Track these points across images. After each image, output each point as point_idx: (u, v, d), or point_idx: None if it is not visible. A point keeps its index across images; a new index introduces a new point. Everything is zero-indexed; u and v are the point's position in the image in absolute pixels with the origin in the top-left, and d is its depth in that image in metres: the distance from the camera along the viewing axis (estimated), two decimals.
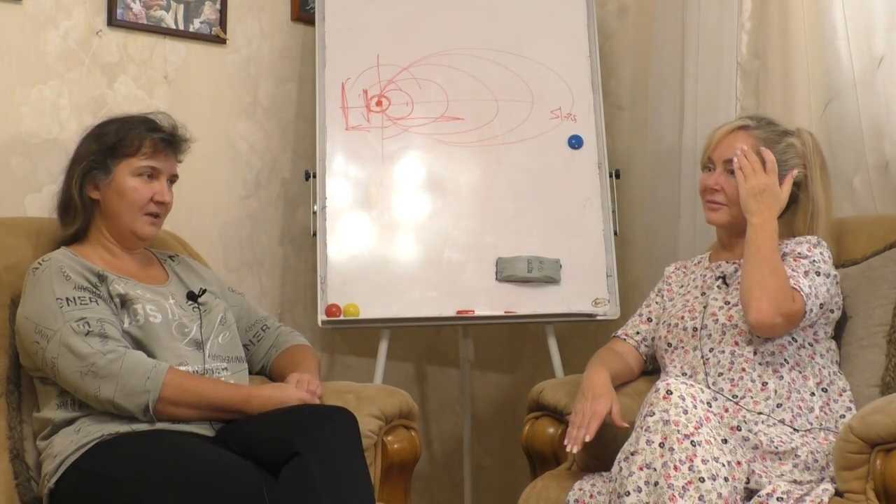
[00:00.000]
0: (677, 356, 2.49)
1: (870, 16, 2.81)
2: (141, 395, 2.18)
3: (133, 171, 2.37)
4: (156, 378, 2.19)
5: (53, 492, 2.19)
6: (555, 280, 3.10)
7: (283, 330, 2.62)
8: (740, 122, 2.54)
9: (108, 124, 2.43)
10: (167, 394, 2.19)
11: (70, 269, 2.29)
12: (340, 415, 2.19)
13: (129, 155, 2.37)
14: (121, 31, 3.01)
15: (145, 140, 2.39)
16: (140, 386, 2.18)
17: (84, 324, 2.21)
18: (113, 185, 2.37)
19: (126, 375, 2.18)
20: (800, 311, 2.33)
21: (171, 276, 2.48)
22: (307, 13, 3.31)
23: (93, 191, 2.39)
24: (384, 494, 2.43)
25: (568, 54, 3.25)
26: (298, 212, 3.35)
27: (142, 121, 2.43)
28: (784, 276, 2.33)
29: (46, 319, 2.23)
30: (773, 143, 2.49)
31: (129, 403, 2.18)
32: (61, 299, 2.24)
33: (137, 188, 2.38)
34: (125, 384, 2.17)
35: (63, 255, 2.33)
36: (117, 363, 2.18)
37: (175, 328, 2.33)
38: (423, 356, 3.65)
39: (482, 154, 3.18)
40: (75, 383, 2.19)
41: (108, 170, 2.37)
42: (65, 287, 2.26)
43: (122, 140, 2.38)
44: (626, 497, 2.07)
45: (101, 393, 2.17)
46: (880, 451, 2.10)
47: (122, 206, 2.38)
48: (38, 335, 2.23)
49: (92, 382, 2.18)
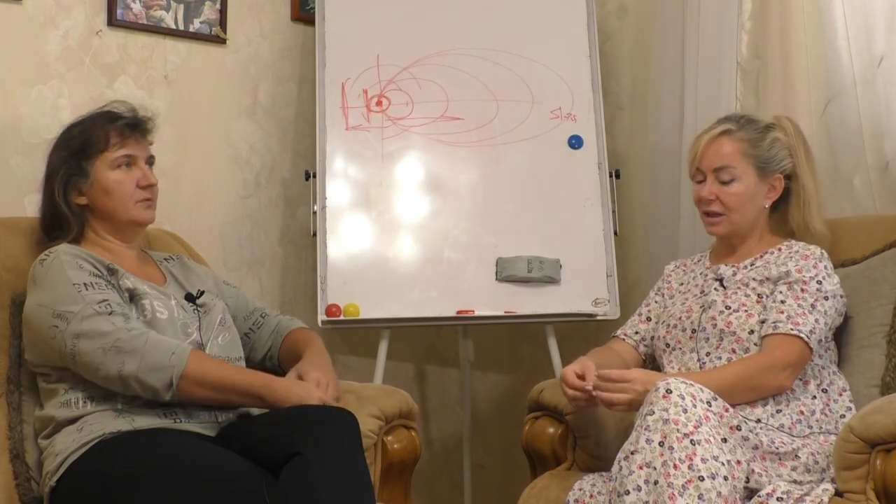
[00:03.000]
0: (675, 357, 2.49)
1: (870, 16, 2.81)
2: (165, 370, 2.18)
3: (110, 165, 2.37)
4: (181, 354, 2.20)
5: (54, 490, 2.19)
6: (555, 280, 3.10)
7: (283, 317, 2.62)
8: (722, 128, 2.52)
9: (70, 130, 2.42)
10: (190, 371, 2.19)
11: (81, 259, 2.29)
12: (341, 415, 2.19)
13: (100, 151, 2.37)
14: (121, 31, 3.01)
15: (110, 132, 2.38)
16: (164, 361, 2.18)
17: (106, 305, 2.22)
18: (95, 185, 2.37)
19: (151, 351, 2.18)
20: (803, 357, 2.33)
21: (169, 278, 2.48)
22: (307, 13, 3.31)
23: (78, 197, 2.38)
24: (384, 494, 2.43)
25: (568, 54, 3.26)
26: (298, 212, 3.35)
27: (100, 115, 2.42)
28: (751, 375, 2.29)
29: (65, 304, 2.22)
30: (758, 142, 2.50)
31: (153, 379, 2.18)
32: (79, 284, 2.24)
33: (120, 180, 2.37)
34: (150, 359, 2.18)
35: (69, 247, 2.33)
36: (142, 338, 2.19)
37: (179, 327, 2.34)
38: (423, 356, 3.65)
39: (482, 154, 3.18)
40: (97, 361, 2.19)
41: (85, 172, 2.36)
42: (80, 273, 2.26)
43: (88, 139, 2.37)
44: (626, 496, 2.07)
45: (125, 368, 2.17)
46: (880, 451, 2.10)
47: (111, 202, 2.38)
48: (57, 319, 2.22)
49: (115, 358, 2.17)
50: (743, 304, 2.43)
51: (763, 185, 2.50)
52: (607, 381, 2.30)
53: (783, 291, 2.39)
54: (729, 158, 2.48)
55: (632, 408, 2.26)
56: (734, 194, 2.48)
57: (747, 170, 2.48)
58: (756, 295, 2.43)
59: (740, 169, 2.48)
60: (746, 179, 2.48)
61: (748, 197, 2.49)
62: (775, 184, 2.51)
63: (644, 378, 2.27)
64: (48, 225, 2.41)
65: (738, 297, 2.44)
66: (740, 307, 2.42)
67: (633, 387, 2.26)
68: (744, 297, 2.43)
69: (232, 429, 2.27)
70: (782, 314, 2.35)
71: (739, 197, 2.49)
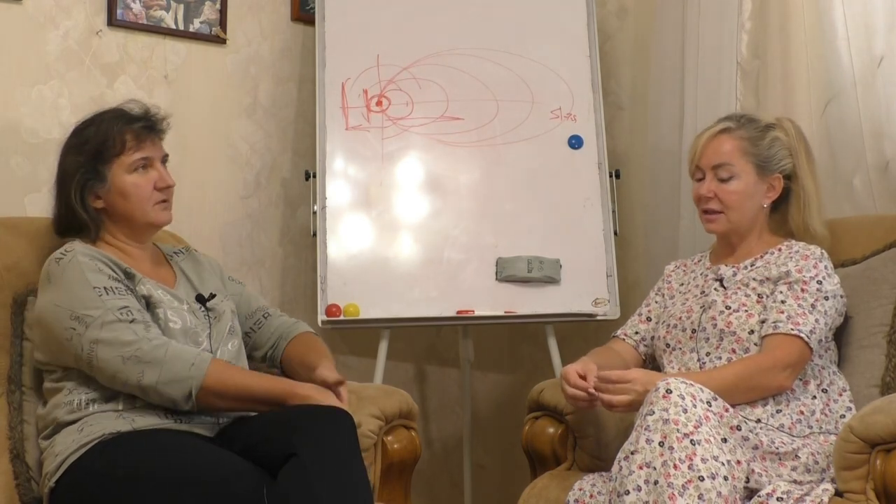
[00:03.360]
0: (675, 357, 2.49)
1: (870, 16, 2.81)
2: (184, 381, 2.18)
3: (127, 169, 2.35)
4: (200, 366, 2.19)
5: (54, 491, 2.18)
6: (555, 280, 3.10)
7: (286, 319, 2.61)
8: (721, 126, 2.52)
9: (83, 131, 2.38)
10: (209, 383, 2.19)
11: (99, 262, 2.27)
12: (340, 415, 2.19)
13: (116, 154, 2.34)
14: (121, 31, 3.01)
15: (126, 134, 2.36)
16: (184, 373, 2.18)
17: (127, 312, 2.21)
18: (113, 189, 2.35)
19: (171, 362, 2.18)
20: (804, 357, 2.33)
21: (179, 276, 2.47)
22: (307, 13, 3.31)
23: (95, 201, 2.36)
24: (384, 494, 2.43)
25: (568, 54, 3.26)
26: (298, 212, 3.35)
27: (115, 116, 2.38)
28: (751, 375, 2.29)
29: (85, 306, 2.21)
30: (757, 141, 2.50)
31: (171, 390, 2.18)
32: (98, 288, 2.23)
33: (138, 183, 2.36)
34: (169, 370, 2.18)
35: (86, 248, 2.31)
36: (162, 349, 2.19)
37: (190, 336, 2.33)
38: (423, 356, 3.65)
39: (482, 154, 3.18)
40: (115, 369, 2.19)
41: (102, 176, 2.34)
42: (99, 277, 2.25)
43: (103, 143, 2.34)
44: (626, 496, 2.07)
45: (145, 378, 2.17)
46: (880, 451, 2.10)
47: (129, 205, 2.36)
48: (74, 321, 2.21)
49: (135, 367, 2.18)
50: (743, 304, 2.43)
51: (762, 184, 2.50)
52: (607, 383, 2.30)
53: (783, 291, 2.39)
54: (728, 156, 2.48)
55: (632, 408, 2.26)
56: (732, 192, 2.48)
57: (746, 168, 2.48)
58: (756, 295, 2.43)
59: (739, 167, 2.48)
60: (745, 178, 2.48)
61: (747, 195, 2.49)
62: (774, 183, 2.51)
63: (644, 378, 2.27)
64: (63, 228, 2.39)
65: (739, 297, 2.44)
66: (740, 307, 2.42)
67: (633, 387, 2.26)
68: (744, 297, 2.43)
69: (231, 429, 2.27)
70: (782, 314, 2.35)
71: (738, 195, 2.49)
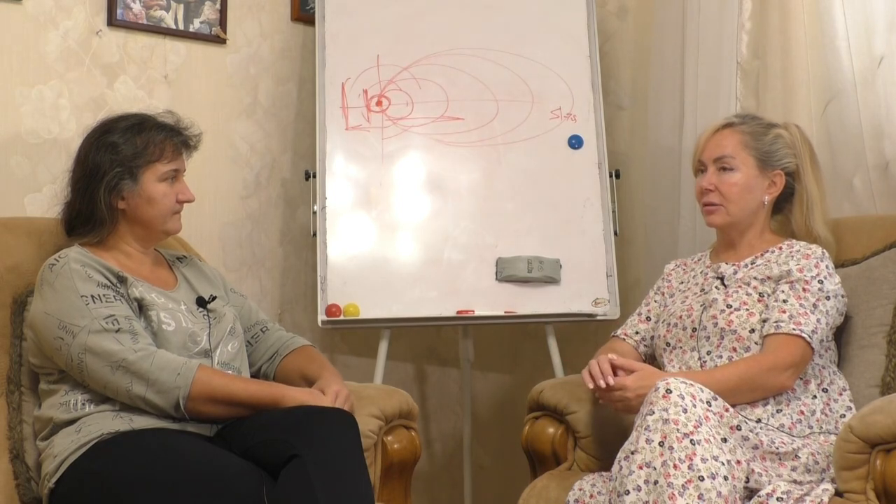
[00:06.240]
0: (675, 356, 2.49)
1: (870, 16, 2.81)
2: (171, 392, 2.19)
3: (159, 177, 2.36)
4: (186, 375, 2.20)
5: (53, 491, 2.19)
6: (555, 280, 3.10)
7: (284, 333, 2.61)
8: (725, 121, 2.55)
9: (116, 131, 2.37)
10: (197, 391, 2.20)
11: (91, 268, 2.28)
12: (340, 416, 2.19)
13: (152, 161, 2.36)
14: (121, 31, 3.01)
15: (167, 145, 2.38)
16: (171, 383, 2.19)
17: (113, 321, 2.22)
18: (140, 192, 2.35)
19: (157, 372, 2.19)
20: (805, 357, 2.34)
21: (180, 280, 2.48)
22: (307, 13, 3.31)
23: (119, 201, 2.36)
24: (384, 494, 2.44)
25: (568, 54, 3.26)
26: (298, 212, 3.35)
27: (159, 125, 2.40)
28: (753, 375, 2.29)
29: (72, 316, 2.22)
30: (760, 136, 2.50)
31: (160, 400, 2.20)
32: (86, 296, 2.23)
33: (165, 192, 2.37)
34: (156, 381, 2.19)
35: (80, 254, 2.31)
36: (148, 360, 2.19)
37: (188, 337, 2.33)
38: (423, 356, 3.65)
39: (482, 154, 3.18)
40: (105, 379, 2.20)
41: (135, 178, 2.34)
42: (88, 285, 2.25)
43: (145, 147, 2.35)
44: (626, 496, 2.07)
45: (133, 389, 2.19)
46: (880, 451, 2.11)
47: (152, 211, 2.37)
48: (62, 331, 2.22)
49: (123, 377, 2.19)
50: (744, 302, 2.43)
51: (763, 178, 2.50)
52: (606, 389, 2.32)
53: (785, 291, 2.39)
54: (729, 148, 2.49)
55: (629, 412, 2.28)
56: (733, 184, 2.49)
57: (747, 161, 2.49)
58: (757, 294, 2.43)
59: (740, 159, 2.49)
60: (746, 170, 2.49)
61: (747, 188, 2.49)
62: (776, 179, 2.51)
63: (634, 385, 2.30)
64: (75, 221, 2.38)
65: (739, 296, 2.44)
66: (741, 306, 2.42)
67: (623, 395, 2.31)
68: (745, 296, 2.43)
69: (230, 429, 2.27)
70: (784, 314, 2.35)
71: (738, 187, 2.49)
